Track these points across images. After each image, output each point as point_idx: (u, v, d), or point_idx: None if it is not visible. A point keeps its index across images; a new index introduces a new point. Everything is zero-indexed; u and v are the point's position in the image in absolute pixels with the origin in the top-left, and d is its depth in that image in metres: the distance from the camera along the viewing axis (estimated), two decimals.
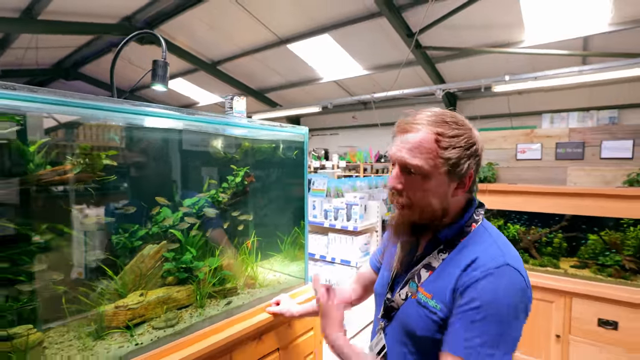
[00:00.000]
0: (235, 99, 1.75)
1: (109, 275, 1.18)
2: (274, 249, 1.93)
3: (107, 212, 1.27)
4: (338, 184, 4.15)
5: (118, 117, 1.17)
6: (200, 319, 1.29)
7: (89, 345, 1.07)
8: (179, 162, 1.55)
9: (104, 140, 1.29)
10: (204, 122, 1.37)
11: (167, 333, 1.18)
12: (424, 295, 0.85)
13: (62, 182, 1.13)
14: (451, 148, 0.82)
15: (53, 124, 1.08)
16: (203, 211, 1.44)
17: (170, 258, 1.32)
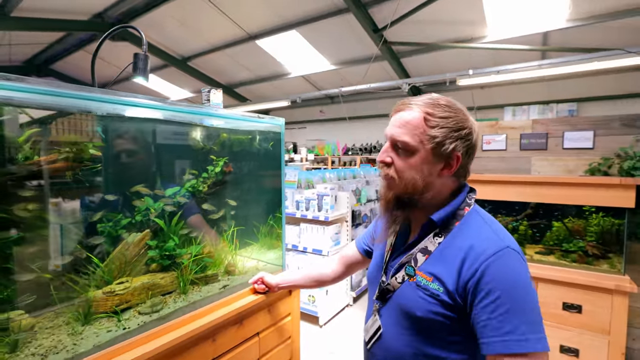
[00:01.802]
0: (213, 91, 1.76)
1: (95, 263, 1.18)
2: (252, 238, 1.96)
3: (90, 202, 1.26)
4: (309, 175, 4.22)
5: (100, 108, 1.16)
6: (184, 304, 1.31)
7: (78, 330, 1.08)
8: (160, 153, 1.55)
9: (88, 132, 1.27)
10: (185, 113, 1.38)
11: (153, 318, 1.20)
12: (424, 279, 0.85)
13: (51, 171, 1.11)
14: (438, 127, 0.84)
15: (39, 115, 1.06)
16: (180, 200, 1.45)
17: (154, 246, 1.33)
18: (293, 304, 1.79)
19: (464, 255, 0.81)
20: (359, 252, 1.28)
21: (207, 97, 1.77)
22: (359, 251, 1.28)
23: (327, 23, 6.25)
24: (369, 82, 7.05)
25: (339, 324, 3.67)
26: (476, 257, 0.79)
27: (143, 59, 1.48)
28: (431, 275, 0.85)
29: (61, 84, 0.97)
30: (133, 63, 1.48)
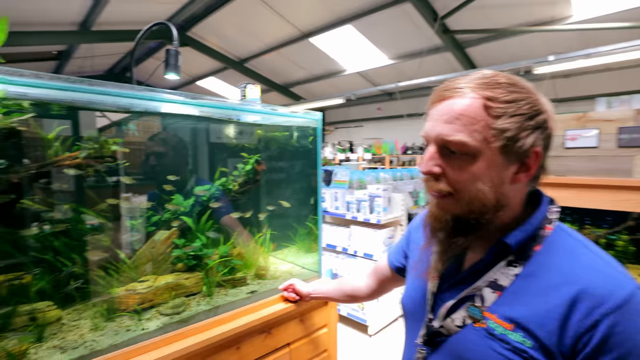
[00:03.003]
0: (249, 86, 1.74)
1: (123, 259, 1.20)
2: (287, 240, 1.91)
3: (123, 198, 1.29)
4: (361, 175, 4.08)
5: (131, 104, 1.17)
6: (207, 307, 1.28)
7: (100, 326, 1.10)
8: (191, 150, 1.56)
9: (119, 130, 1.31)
10: (214, 108, 1.36)
11: (174, 320, 1.19)
12: (500, 326, 0.65)
13: (78, 166, 1.16)
14: (507, 116, 0.63)
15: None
16: (211, 200, 1.44)
17: (180, 245, 1.32)
18: (330, 315, 1.69)
19: (571, 297, 0.59)
20: (390, 267, 1.08)
21: (243, 92, 1.75)
22: (390, 266, 1.08)
23: (384, 15, 6.04)
24: (428, 75, 6.68)
25: (390, 335, 3.49)
26: (597, 303, 0.57)
27: (174, 55, 1.50)
28: (511, 322, 0.63)
29: (83, 80, 0.99)
30: (165, 59, 1.50)
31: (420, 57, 6.95)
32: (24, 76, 0.88)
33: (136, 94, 1.12)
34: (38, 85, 0.88)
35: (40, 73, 0.92)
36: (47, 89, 0.89)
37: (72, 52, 7.79)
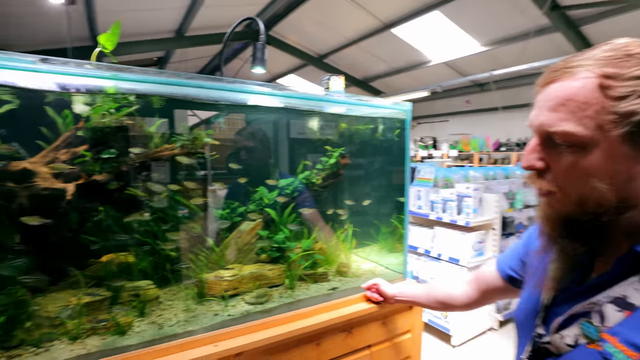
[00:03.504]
0: (333, 78, 1.73)
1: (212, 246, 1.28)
2: (369, 238, 1.86)
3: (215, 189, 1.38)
4: (447, 173, 3.84)
5: (223, 97, 1.24)
6: (289, 300, 1.30)
7: (192, 308, 1.18)
8: (275, 143, 1.60)
9: (208, 127, 1.41)
10: (300, 99, 1.37)
11: (257, 309, 1.23)
12: (621, 352, 0.55)
13: (173, 157, 1.26)
14: (634, 97, 0.52)
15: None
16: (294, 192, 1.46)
17: (264, 236, 1.37)
18: (414, 321, 1.60)
19: None
20: (500, 276, 0.96)
21: (327, 84, 1.75)
22: (500, 275, 0.96)
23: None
24: (530, 61, 6.00)
25: (477, 349, 3.22)
26: None
27: (260, 49, 1.55)
28: (637, 350, 0.54)
29: (180, 74, 1.07)
30: (252, 54, 1.56)
31: (518, 41, 6.29)
32: (133, 72, 0.98)
33: (228, 87, 1.18)
34: (145, 81, 0.97)
35: (148, 69, 1.01)
36: (152, 83, 0.98)
37: (169, 58, 8.76)
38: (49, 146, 1.09)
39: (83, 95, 1.04)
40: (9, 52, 0.84)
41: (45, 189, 1.03)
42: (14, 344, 0.97)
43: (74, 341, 1.01)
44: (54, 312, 1.04)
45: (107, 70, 0.92)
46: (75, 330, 1.02)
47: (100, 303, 1.12)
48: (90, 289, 1.13)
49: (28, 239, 1.07)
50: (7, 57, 0.84)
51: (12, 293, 0.99)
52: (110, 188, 1.11)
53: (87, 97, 1.04)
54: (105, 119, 1.06)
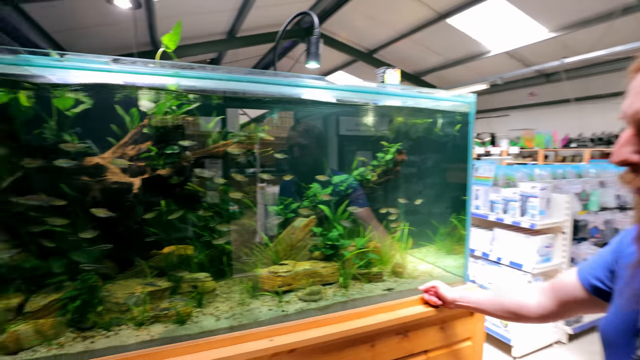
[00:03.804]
0: (388, 71, 1.68)
1: (266, 242, 1.30)
2: (426, 239, 1.79)
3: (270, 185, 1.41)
4: (510, 171, 3.60)
5: (271, 91, 1.25)
6: (342, 298, 1.29)
7: (246, 302, 1.21)
8: (328, 139, 1.59)
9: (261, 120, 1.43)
10: (355, 92, 1.34)
11: (311, 307, 1.22)
12: None
13: (227, 154, 1.30)
14: None
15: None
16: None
17: (318, 233, 1.36)
18: (475, 328, 1.51)
19: None
20: (583, 286, 0.87)
21: (382, 77, 1.71)
22: (583, 285, 0.87)
23: None
24: (609, 45, 5.43)
25: None
26: None
27: (315, 43, 1.54)
28: None
29: (232, 69, 1.09)
30: (306, 48, 1.56)
31: (595, 24, 5.73)
32: (193, 69, 1.01)
33: (285, 81, 1.18)
34: (204, 77, 1.00)
35: (206, 65, 1.05)
36: (213, 80, 1.01)
37: (221, 59, 9.12)
38: (118, 142, 1.17)
39: (148, 94, 1.10)
40: (84, 54, 0.91)
41: (115, 183, 1.11)
42: (88, 325, 1.05)
43: (139, 327, 1.07)
44: (122, 298, 1.11)
45: (170, 68, 0.96)
46: (140, 317, 1.09)
47: (162, 292, 1.18)
48: (152, 279, 1.20)
49: (99, 230, 1.16)
50: (82, 59, 0.91)
51: (86, 279, 1.08)
52: (172, 183, 1.16)
53: (152, 95, 1.10)
54: (167, 116, 1.12)
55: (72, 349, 0.97)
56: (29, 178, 1.08)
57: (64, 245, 1.11)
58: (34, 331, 0.97)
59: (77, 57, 0.88)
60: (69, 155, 1.06)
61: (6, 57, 0.86)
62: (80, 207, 1.13)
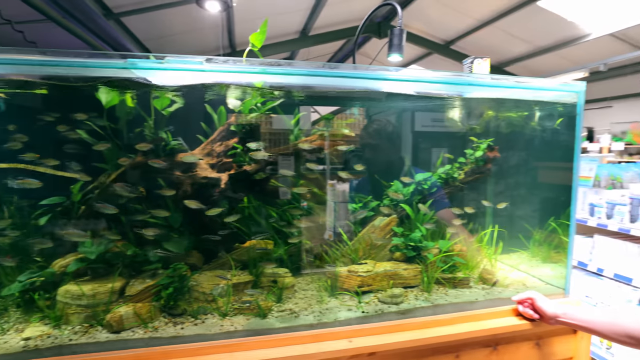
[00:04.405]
0: (477, 61, 1.56)
1: (345, 240, 1.29)
2: (518, 244, 1.63)
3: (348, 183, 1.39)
4: (615, 170, 3.15)
5: (351, 86, 1.22)
6: (425, 303, 1.22)
7: (325, 300, 1.20)
8: (409, 133, 1.53)
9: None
10: (444, 84, 1.26)
11: (391, 309, 1.18)
12: None
13: (314, 151, 1.31)
14: None
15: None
16: None
17: (399, 233, 1.31)
18: (579, 348, 1.34)
19: None
20: None
21: (470, 68, 1.58)
22: None
23: None
24: None
25: None
26: None
27: (398, 34, 1.48)
28: None
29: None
30: (388, 40, 1.50)
31: None
32: (280, 65, 1.02)
33: (369, 75, 1.14)
34: (292, 73, 1.01)
35: (292, 61, 1.05)
36: (298, 75, 1.01)
37: (293, 57, 9.35)
38: (207, 139, 1.23)
39: (235, 91, 1.14)
40: (180, 55, 0.97)
41: (204, 178, 1.17)
42: (178, 312, 1.13)
43: (224, 317, 1.12)
44: (208, 288, 1.17)
45: (258, 65, 0.98)
46: (225, 308, 1.14)
47: (244, 285, 1.23)
48: (225, 272, 1.24)
49: (188, 222, 1.24)
50: (180, 60, 0.96)
51: (177, 268, 1.16)
52: (256, 179, 1.20)
53: (240, 92, 1.14)
54: (253, 113, 1.15)
55: (165, 333, 1.04)
56: (131, 173, 1.19)
57: (158, 235, 1.20)
58: (133, 314, 1.06)
59: (175, 58, 0.94)
60: (166, 153, 1.15)
61: (118, 61, 0.94)
62: (172, 200, 1.22)
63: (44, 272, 1.14)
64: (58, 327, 1.05)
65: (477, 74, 1.50)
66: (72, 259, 1.18)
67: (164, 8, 4.47)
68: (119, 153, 1.19)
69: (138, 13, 4.49)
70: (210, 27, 5.41)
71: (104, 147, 1.16)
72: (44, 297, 1.11)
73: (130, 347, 0.99)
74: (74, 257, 1.18)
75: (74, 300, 1.08)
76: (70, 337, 1.01)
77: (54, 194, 1.24)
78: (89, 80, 1.05)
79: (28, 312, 1.13)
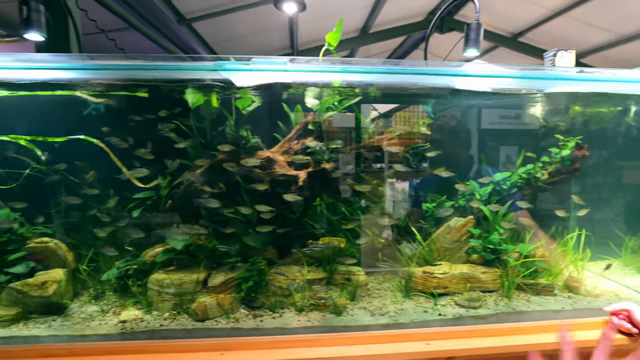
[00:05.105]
0: (560, 53, 1.47)
1: (418, 240, 1.28)
2: (608, 251, 1.51)
3: (416, 180, 1.38)
4: None
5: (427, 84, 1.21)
6: (506, 309, 1.18)
7: (399, 300, 1.20)
8: (484, 130, 1.48)
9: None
10: (527, 79, 1.21)
11: (469, 314, 1.15)
12: None
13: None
14: None
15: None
16: None
17: (477, 235, 1.28)
18: None
19: None
20: None
21: (552, 61, 1.50)
22: None
23: None
24: None
25: None
26: None
27: (475, 29, 1.44)
28: None
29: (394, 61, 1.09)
30: (465, 35, 1.47)
31: None
32: (359, 64, 1.05)
33: (444, 70, 1.13)
34: (371, 71, 1.03)
35: (370, 59, 1.07)
36: (379, 73, 1.03)
37: (353, 55, 9.36)
38: (284, 138, 1.29)
39: (313, 90, 1.19)
40: (266, 55, 1.02)
41: (282, 175, 1.23)
42: (257, 305, 1.19)
43: (300, 312, 1.16)
44: (284, 283, 1.23)
45: (340, 64, 1.01)
46: (301, 303, 1.18)
47: (318, 282, 1.26)
48: (285, 268, 1.28)
49: (265, 218, 1.30)
50: (264, 61, 1.02)
51: (256, 262, 1.23)
52: (333, 177, 1.23)
53: (317, 91, 1.18)
54: (329, 112, 1.18)
55: (246, 324, 1.11)
56: (214, 171, 1.28)
57: (238, 230, 1.27)
58: (216, 304, 1.14)
59: (261, 59, 0.99)
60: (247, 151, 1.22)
61: (209, 64, 1.02)
62: (250, 196, 1.29)
63: (137, 261, 1.27)
64: (149, 312, 1.16)
65: (561, 67, 1.42)
66: (160, 249, 1.29)
67: (235, 11, 4.70)
68: (203, 151, 1.28)
69: (208, 18, 4.77)
70: (274, 29, 5.58)
71: (187, 145, 1.26)
72: (136, 283, 1.23)
73: (215, 336, 1.06)
74: (162, 247, 1.30)
75: (163, 289, 1.18)
76: (160, 322, 1.11)
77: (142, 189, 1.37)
78: (179, 83, 1.15)
79: (122, 296, 1.26)
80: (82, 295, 1.28)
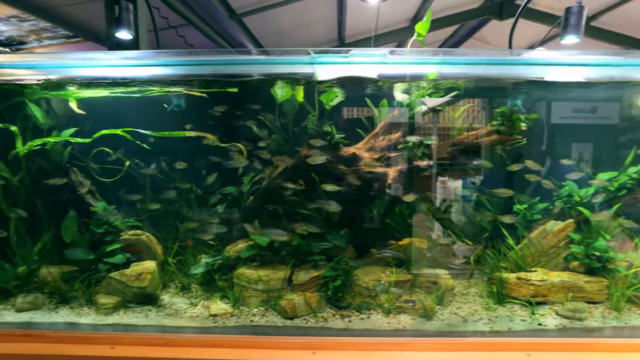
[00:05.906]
0: None
1: (508, 243, 1.22)
2: None
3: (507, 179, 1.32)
4: None
5: None
6: (616, 323, 1.09)
7: (491, 307, 1.15)
8: (579, 126, 1.38)
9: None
10: None
11: (574, 325, 1.08)
12: None
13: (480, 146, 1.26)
14: None
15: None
16: None
17: (578, 240, 1.19)
18: None
19: None
20: None
21: None
22: None
23: None
24: None
25: None
26: None
27: (577, 12, 1.34)
28: None
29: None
30: (563, 19, 1.37)
31: None
32: (463, 55, 1.01)
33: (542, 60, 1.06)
34: (475, 62, 0.98)
35: (468, 50, 1.02)
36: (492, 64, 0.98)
37: (402, 46, 9.16)
38: (369, 134, 1.28)
39: (403, 84, 1.16)
40: (363, 47, 1.01)
41: (369, 173, 1.21)
42: (344, 305, 1.19)
43: (387, 315, 1.15)
44: (369, 283, 1.21)
45: (442, 55, 0.98)
46: (388, 305, 1.16)
47: (403, 284, 1.24)
48: (393, 269, 1.26)
49: (347, 218, 1.29)
50: (362, 53, 1.00)
51: (341, 261, 1.22)
52: (424, 175, 1.20)
53: (406, 85, 1.15)
54: (419, 107, 1.15)
55: (335, 324, 1.11)
56: (297, 167, 1.29)
57: (323, 229, 1.27)
58: (304, 302, 1.15)
59: (360, 52, 0.97)
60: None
61: (303, 57, 1.02)
62: (329, 194, 1.29)
63: (222, 256, 1.31)
64: (237, 307, 1.19)
65: None
66: (243, 245, 1.32)
67: (284, 5, 4.75)
68: (286, 146, 1.30)
69: (258, 12, 4.86)
70: (319, 21, 5.58)
71: (274, 141, 1.28)
72: (221, 278, 1.27)
73: (305, 335, 1.08)
74: (245, 243, 1.33)
75: (250, 284, 1.20)
76: (250, 318, 1.14)
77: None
78: (270, 77, 1.16)
79: (208, 290, 1.30)
80: (169, 287, 1.35)
